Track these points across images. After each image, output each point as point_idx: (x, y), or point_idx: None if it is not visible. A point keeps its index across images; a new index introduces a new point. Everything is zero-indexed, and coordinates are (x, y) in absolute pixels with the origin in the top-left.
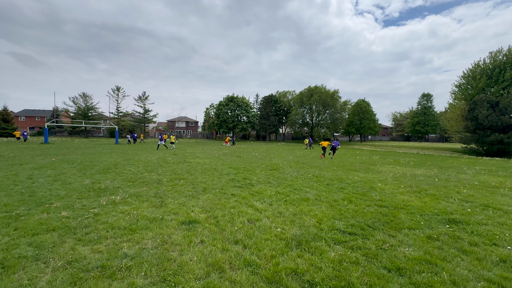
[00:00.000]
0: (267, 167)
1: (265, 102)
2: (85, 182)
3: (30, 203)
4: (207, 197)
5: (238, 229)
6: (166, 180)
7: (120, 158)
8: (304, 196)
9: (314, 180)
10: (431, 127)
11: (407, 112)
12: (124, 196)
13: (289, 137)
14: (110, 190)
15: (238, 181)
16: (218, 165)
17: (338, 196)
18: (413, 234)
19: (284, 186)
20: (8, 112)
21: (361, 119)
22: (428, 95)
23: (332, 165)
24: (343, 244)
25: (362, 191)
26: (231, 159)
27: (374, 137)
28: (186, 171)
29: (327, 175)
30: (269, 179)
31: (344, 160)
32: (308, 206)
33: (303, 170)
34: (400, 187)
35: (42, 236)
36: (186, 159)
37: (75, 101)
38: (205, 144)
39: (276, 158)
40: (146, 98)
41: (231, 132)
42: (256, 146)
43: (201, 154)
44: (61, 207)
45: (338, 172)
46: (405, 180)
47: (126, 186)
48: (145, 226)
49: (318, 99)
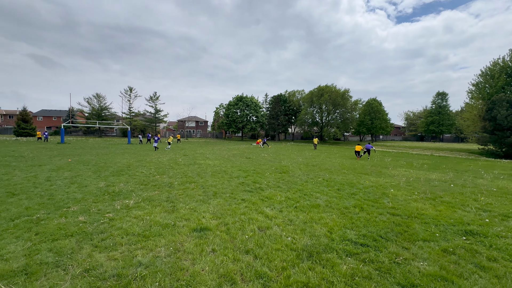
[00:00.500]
0: (277, 170)
1: (274, 102)
2: (100, 185)
3: (49, 207)
4: (218, 202)
5: (249, 238)
6: (177, 184)
7: (133, 159)
8: (315, 202)
9: (324, 185)
10: (446, 127)
11: (421, 111)
12: (137, 200)
13: (298, 136)
14: (124, 193)
15: (248, 185)
16: (228, 167)
17: (349, 202)
18: (428, 247)
19: (294, 190)
20: (27, 113)
21: (372, 118)
22: (443, 94)
23: (343, 168)
24: (355, 256)
25: (374, 197)
26: (241, 160)
27: (386, 137)
28: (197, 173)
29: (338, 179)
30: (278, 183)
31: (355, 162)
32: (319, 213)
33: (313, 173)
34: (413, 193)
35: (61, 241)
36: (196, 161)
37: (90, 101)
38: (214, 144)
39: (286, 159)
40: (157, 98)
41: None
42: (265, 147)
43: (211, 155)
44: (78, 212)
45: (349, 175)
46: (418, 185)
47: (139, 189)
48: (158, 233)
49: (328, 98)
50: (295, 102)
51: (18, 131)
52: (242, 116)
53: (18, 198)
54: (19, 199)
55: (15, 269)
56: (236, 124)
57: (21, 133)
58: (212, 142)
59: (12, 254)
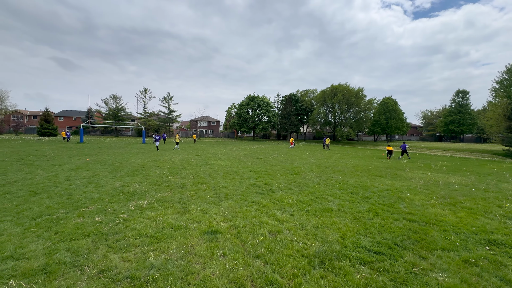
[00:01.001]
0: (288, 171)
1: (285, 101)
2: (116, 185)
3: (68, 206)
4: (229, 204)
5: (260, 242)
6: (189, 184)
7: (147, 159)
8: (327, 206)
9: (337, 187)
10: (467, 126)
11: (439, 110)
12: (151, 201)
13: (310, 136)
14: (138, 194)
15: (259, 187)
16: (239, 168)
17: (363, 207)
18: (447, 257)
19: (306, 193)
20: (49, 113)
21: (387, 118)
22: (464, 92)
23: (357, 169)
24: (369, 265)
25: (389, 201)
26: (252, 161)
27: (402, 137)
28: (209, 174)
29: (351, 182)
30: (290, 185)
31: (369, 163)
32: (331, 218)
33: (325, 175)
34: (431, 198)
35: (79, 241)
36: (208, 161)
37: (107, 102)
38: (226, 144)
39: (297, 160)
40: (171, 99)
41: (252, 132)
42: (277, 146)
43: (222, 156)
44: (94, 212)
45: (363, 178)
46: (437, 189)
47: (152, 190)
48: (170, 235)
49: (342, 98)
50: (307, 102)
51: (41, 131)
52: (253, 116)
53: (40, 197)
54: (41, 198)
55: (36, 268)
56: (247, 124)
57: (44, 132)
58: (224, 142)
59: (34, 253)
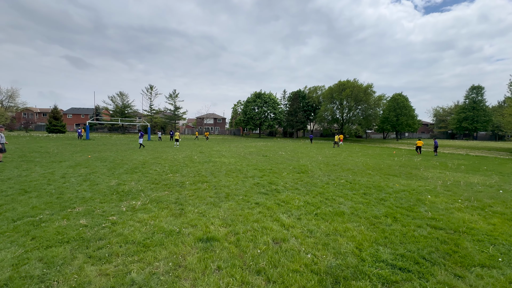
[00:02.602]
0: (295, 170)
1: (292, 98)
2: (111, 183)
3: (55, 207)
4: (229, 206)
5: (262, 253)
6: (188, 183)
7: (149, 156)
8: (338, 209)
9: (348, 188)
10: (481, 123)
11: (452, 106)
12: (145, 201)
13: (317, 134)
14: (132, 193)
15: (263, 186)
16: (243, 166)
17: (379, 210)
18: (489, 276)
19: (314, 194)
20: (58, 110)
21: (397, 115)
22: (479, 88)
23: (367, 168)
24: (394, 286)
25: (407, 204)
26: (257, 159)
27: (412, 135)
28: (210, 172)
29: (363, 181)
30: (296, 184)
31: (380, 162)
32: (344, 223)
33: (334, 174)
34: (455, 201)
35: (55, 249)
36: (211, 159)
37: (113, 99)
38: (231, 141)
39: (304, 158)
40: (177, 96)
41: (258, 129)
42: (283, 144)
43: (227, 153)
44: (81, 213)
45: (375, 177)
46: (459, 190)
47: (149, 189)
48: (159, 242)
49: (350, 94)
50: (314, 99)
51: (50, 128)
52: (260, 113)
53: (28, 196)
54: (29, 197)
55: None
56: (253, 121)
57: (52, 129)
58: (230, 139)
59: (0, 263)
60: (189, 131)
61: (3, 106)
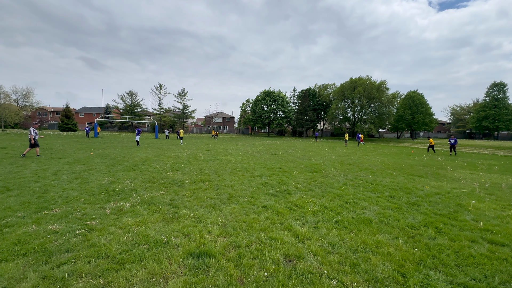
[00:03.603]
0: (307, 169)
1: (302, 96)
2: (104, 181)
3: (31, 207)
4: (232, 209)
5: (269, 276)
6: (188, 182)
7: (153, 153)
8: (363, 216)
9: (369, 189)
10: (504, 122)
11: (470, 105)
12: (135, 202)
13: (328, 133)
14: (124, 193)
15: (271, 187)
16: (250, 164)
17: (415, 218)
18: None
19: (331, 196)
20: (69, 109)
21: (413, 113)
22: (501, 85)
23: (387, 167)
24: None
25: (447, 210)
26: (265, 157)
27: (427, 134)
28: (214, 170)
29: (385, 182)
30: (310, 185)
31: (399, 161)
32: (373, 234)
33: (351, 174)
34: (505, 207)
35: (5, 265)
36: (217, 156)
37: (123, 98)
38: (239, 140)
39: (316, 157)
40: (185, 95)
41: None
42: (293, 142)
43: (234, 151)
44: (57, 216)
45: (398, 177)
46: (503, 194)
47: (143, 188)
48: (139, 256)
49: (362, 91)
50: (325, 97)
51: (62, 126)
52: (268, 112)
53: (7, 195)
54: (8, 196)
55: None
56: (262, 120)
57: (64, 128)
58: (238, 138)
59: None
60: (197, 130)
61: (18, 105)
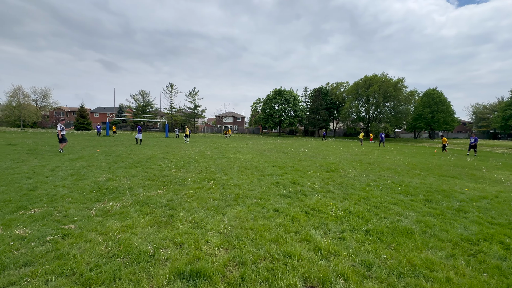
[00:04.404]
0: (322, 168)
1: (314, 95)
2: (100, 178)
3: (9, 206)
4: (237, 213)
5: None
6: (191, 181)
7: (160, 151)
8: (399, 224)
9: (398, 191)
10: None
11: (494, 103)
12: (127, 202)
13: (341, 133)
14: (117, 191)
15: (284, 187)
16: (261, 162)
17: (467, 229)
18: None
19: (355, 199)
20: (84, 109)
21: (433, 111)
22: None
23: (412, 167)
24: None
25: (505, 219)
26: (276, 155)
27: (447, 134)
28: (221, 168)
29: (415, 183)
30: (328, 185)
31: (424, 160)
32: (418, 250)
33: (373, 174)
34: None
35: None
36: (226, 154)
37: (135, 98)
38: (250, 139)
39: (331, 155)
40: (196, 94)
41: (278, 127)
42: (305, 142)
43: (243, 149)
44: (34, 217)
45: (429, 178)
46: None
47: (141, 186)
48: (112, 275)
49: (378, 89)
50: (338, 95)
51: (77, 125)
52: (280, 111)
53: None
54: None
55: None
56: (273, 119)
57: (79, 127)
58: (248, 137)
59: None
60: (208, 130)
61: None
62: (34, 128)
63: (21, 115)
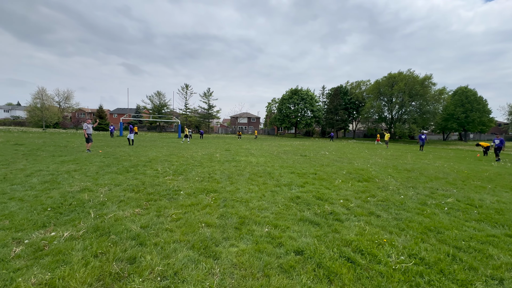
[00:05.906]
0: (352, 176)
1: (333, 94)
2: (73, 188)
3: None
4: (237, 256)
5: None
6: (185, 193)
7: (166, 152)
8: None
9: (475, 216)
10: None
11: None
12: (80, 229)
13: (360, 134)
14: (81, 209)
15: (307, 204)
16: (275, 168)
17: None
18: None
19: (417, 230)
20: (103, 110)
21: (466, 111)
22: None
23: (465, 176)
24: None
25: None
26: (294, 159)
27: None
28: (228, 175)
29: (489, 202)
30: (367, 202)
31: (475, 167)
32: None
33: (421, 186)
34: None
35: None
36: (236, 157)
37: (151, 99)
38: (264, 140)
39: (358, 160)
40: (211, 94)
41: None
42: (323, 143)
43: (256, 151)
44: None
45: (501, 193)
46: None
47: (117, 201)
48: None
49: (404, 87)
50: (358, 95)
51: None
52: (296, 111)
53: None
54: None
55: None
56: (289, 120)
57: (97, 127)
58: (263, 138)
59: None
60: (222, 130)
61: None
62: (56, 129)
63: (43, 116)
